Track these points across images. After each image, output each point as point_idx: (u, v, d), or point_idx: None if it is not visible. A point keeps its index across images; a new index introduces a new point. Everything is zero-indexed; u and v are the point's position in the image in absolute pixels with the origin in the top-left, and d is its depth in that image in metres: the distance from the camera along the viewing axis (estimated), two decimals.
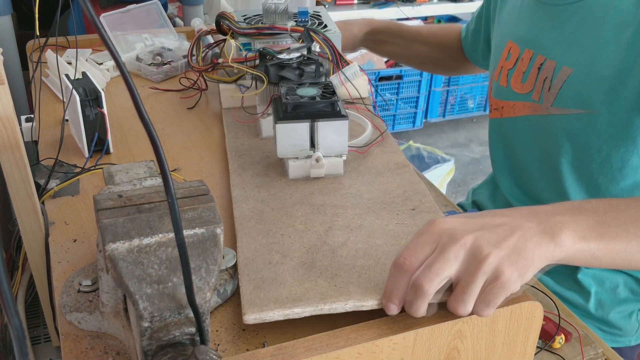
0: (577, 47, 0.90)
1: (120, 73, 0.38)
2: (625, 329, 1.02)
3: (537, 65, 0.97)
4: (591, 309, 1.02)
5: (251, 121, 0.89)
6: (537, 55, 0.97)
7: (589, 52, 0.88)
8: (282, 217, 0.68)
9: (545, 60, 0.95)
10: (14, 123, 0.64)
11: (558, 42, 0.94)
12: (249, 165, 0.79)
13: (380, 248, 0.63)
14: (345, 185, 0.75)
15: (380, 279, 0.58)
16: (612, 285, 1.01)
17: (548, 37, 0.96)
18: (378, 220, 0.68)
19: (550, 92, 0.94)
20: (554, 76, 0.93)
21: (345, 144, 0.75)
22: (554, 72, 0.93)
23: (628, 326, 1.02)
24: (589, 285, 1.02)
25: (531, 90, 0.99)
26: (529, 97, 0.99)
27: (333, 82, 0.90)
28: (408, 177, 0.77)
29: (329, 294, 0.56)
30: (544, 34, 0.96)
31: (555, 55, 0.94)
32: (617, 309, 1.01)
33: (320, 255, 0.62)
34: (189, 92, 1.05)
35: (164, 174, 0.40)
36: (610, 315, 1.01)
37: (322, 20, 1.05)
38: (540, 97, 0.96)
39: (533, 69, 0.98)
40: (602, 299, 1.02)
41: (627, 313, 1.01)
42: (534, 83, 0.98)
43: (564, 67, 0.92)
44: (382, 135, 0.85)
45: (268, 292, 0.57)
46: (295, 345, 0.49)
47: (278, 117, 0.73)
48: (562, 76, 0.92)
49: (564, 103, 0.93)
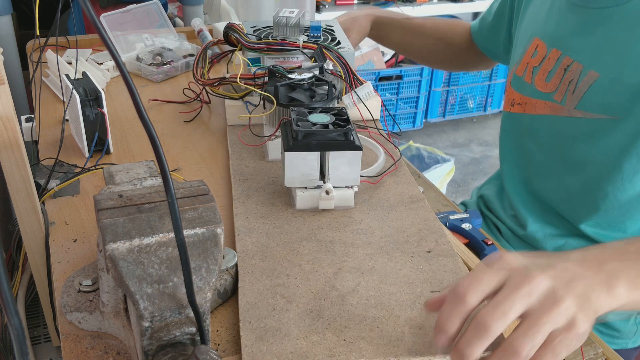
0: (607, 53, 0.89)
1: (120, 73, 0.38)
2: (623, 331, 1.02)
3: (563, 67, 0.96)
4: None
5: (258, 144, 0.85)
6: (564, 57, 0.96)
7: (618, 58, 0.88)
8: (288, 255, 0.65)
9: (572, 63, 0.94)
10: (14, 123, 0.64)
11: (587, 45, 0.93)
12: (254, 192, 0.75)
13: (394, 297, 0.59)
14: (355, 219, 0.71)
15: (394, 334, 0.55)
16: None
17: (578, 39, 0.94)
18: (391, 263, 0.64)
19: (575, 94, 0.93)
20: (580, 79, 0.92)
21: (357, 176, 0.70)
22: (580, 75, 0.93)
23: (626, 329, 1.02)
24: None
25: (554, 90, 0.98)
26: (551, 97, 0.98)
27: (345, 102, 0.88)
28: (423, 214, 0.72)
29: (337, 351, 0.53)
30: (574, 36, 0.95)
31: (583, 59, 0.93)
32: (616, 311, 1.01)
33: (328, 303, 0.58)
34: (190, 106, 1.02)
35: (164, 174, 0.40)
36: (609, 317, 1.01)
37: (336, 36, 1.01)
38: (564, 98, 0.96)
39: (559, 69, 0.97)
40: None
41: (626, 315, 1.01)
42: (558, 84, 0.97)
43: (591, 72, 0.91)
44: (396, 164, 0.81)
45: (271, 344, 0.53)
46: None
47: (288, 145, 0.69)
48: (589, 80, 0.91)
49: (587, 107, 0.92)
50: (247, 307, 0.57)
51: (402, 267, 0.63)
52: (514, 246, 1.11)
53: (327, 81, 0.81)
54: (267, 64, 0.94)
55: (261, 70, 0.88)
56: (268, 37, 0.98)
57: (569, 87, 0.95)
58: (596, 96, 0.91)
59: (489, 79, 3.23)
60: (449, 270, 0.63)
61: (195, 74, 0.96)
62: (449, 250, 0.66)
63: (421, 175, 1.32)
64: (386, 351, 0.53)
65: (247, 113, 0.89)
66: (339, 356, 0.53)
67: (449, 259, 0.65)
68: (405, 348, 0.53)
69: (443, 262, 0.64)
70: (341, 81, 0.89)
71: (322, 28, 1.04)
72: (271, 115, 0.81)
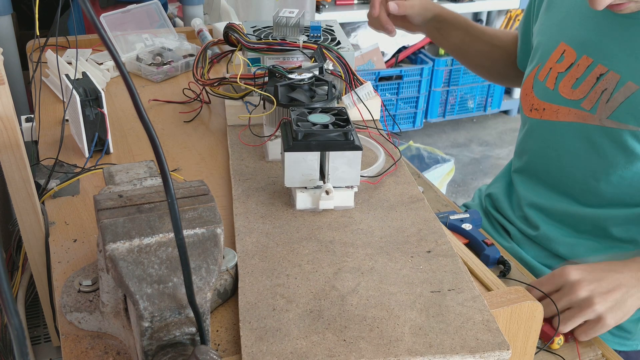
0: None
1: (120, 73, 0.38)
2: (635, 332, 1.01)
3: (595, 75, 0.94)
4: None
5: (258, 144, 0.85)
6: (597, 65, 0.94)
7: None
8: (288, 255, 0.65)
9: (607, 72, 0.92)
10: (14, 123, 0.64)
11: (626, 55, 0.90)
12: (254, 192, 0.75)
13: (394, 297, 0.59)
14: (355, 220, 0.71)
15: (394, 334, 0.55)
16: None
17: (614, 47, 0.92)
18: (391, 263, 0.64)
19: (608, 104, 0.92)
20: (616, 89, 0.91)
21: (357, 176, 0.70)
22: (616, 85, 0.91)
23: (637, 330, 1.01)
24: None
25: (582, 98, 0.96)
26: (578, 105, 0.97)
27: (345, 102, 0.87)
28: (423, 214, 0.72)
29: (337, 351, 0.53)
30: (610, 44, 0.93)
31: (620, 69, 0.91)
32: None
33: (328, 303, 0.58)
34: (190, 106, 1.02)
35: (164, 174, 0.40)
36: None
37: (336, 36, 1.01)
38: (594, 107, 0.94)
39: (590, 77, 0.95)
40: None
41: (637, 317, 1.01)
42: (587, 91, 0.95)
43: (630, 83, 0.89)
44: (396, 164, 0.81)
45: (271, 344, 0.53)
46: None
47: (287, 145, 0.68)
48: (626, 91, 0.90)
49: (622, 118, 0.91)
50: (247, 307, 0.57)
51: (402, 267, 0.63)
52: (523, 248, 1.10)
53: (327, 81, 0.81)
54: (267, 64, 0.94)
55: (261, 70, 0.88)
56: (268, 37, 0.98)
57: (601, 97, 0.93)
58: (634, 108, 0.89)
59: None
60: (449, 270, 0.63)
61: (195, 74, 0.96)
62: (449, 251, 0.66)
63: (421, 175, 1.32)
64: (386, 351, 0.53)
65: (247, 113, 0.89)
66: (338, 356, 0.53)
67: (449, 259, 0.65)
68: (405, 348, 0.54)
69: (443, 262, 0.64)
70: (341, 81, 0.89)
71: (322, 28, 1.04)
72: (271, 116, 0.81)
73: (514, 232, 1.14)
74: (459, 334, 0.55)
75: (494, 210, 1.20)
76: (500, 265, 0.98)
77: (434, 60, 3.04)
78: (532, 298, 0.61)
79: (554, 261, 1.06)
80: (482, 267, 0.68)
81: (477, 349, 0.54)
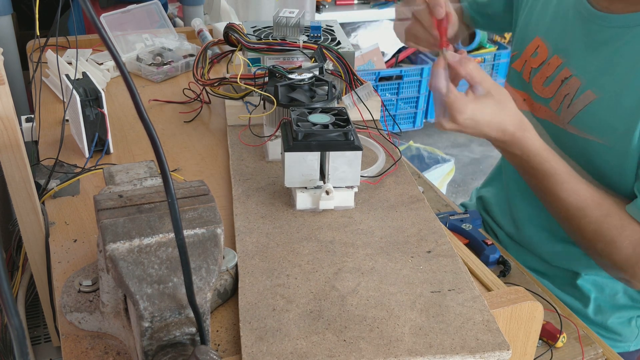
0: (608, 75, 0.86)
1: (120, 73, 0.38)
2: (625, 334, 1.02)
3: (561, 78, 0.93)
4: (590, 314, 1.02)
5: (258, 145, 0.85)
6: (564, 67, 0.93)
7: (619, 83, 0.85)
8: (288, 255, 0.64)
9: (570, 77, 0.91)
10: (14, 123, 0.64)
11: (589, 63, 0.89)
12: (254, 192, 0.75)
13: (394, 297, 0.59)
14: (356, 220, 0.71)
15: (394, 335, 0.55)
16: (611, 291, 1.01)
17: (580, 53, 0.91)
18: (391, 263, 0.64)
19: (570, 110, 0.91)
20: (576, 96, 0.90)
21: (357, 176, 0.70)
22: (577, 91, 0.90)
23: (627, 332, 1.01)
24: (588, 291, 1.01)
25: (551, 97, 0.95)
26: (547, 103, 0.96)
27: (345, 102, 0.87)
28: (423, 214, 0.72)
29: (337, 351, 0.53)
30: (577, 49, 0.92)
31: (582, 75, 0.90)
32: (616, 315, 1.01)
33: (328, 303, 0.58)
34: (190, 106, 1.02)
35: (164, 174, 0.40)
36: (610, 321, 1.01)
37: (336, 36, 1.01)
38: (559, 109, 0.93)
39: (557, 78, 0.94)
40: (602, 304, 1.01)
41: (627, 319, 1.01)
42: (554, 92, 0.94)
43: (589, 91, 0.88)
44: (396, 164, 0.80)
45: (271, 345, 0.53)
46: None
47: (288, 145, 0.68)
48: (585, 99, 0.88)
49: (580, 125, 0.90)
50: (247, 308, 0.57)
51: (402, 267, 0.63)
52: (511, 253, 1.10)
53: (327, 81, 0.81)
54: (267, 64, 0.94)
55: (261, 70, 0.88)
56: (268, 37, 0.98)
57: (564, 100, 0.92)
58: (591, 117, 0.88)
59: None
60: (449, 270, 0.63)
61: (195, 74, 0.96)
62: (449, 251, 0.66)
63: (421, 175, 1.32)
64: (386, 351, 0.53)
65: (247, 113, 0.89)
66: (339, 356, 0.53)
67: (449, 259, 0.65)
68: (405, 348, 0.54)
69: (443, 262, 0.64)
70: (341, 81, 0.89)
71: (322, 28, 1.04)
72: (271, 116, 0.81)
73: (502, 236, 1.14)
74: (459, 334, 0.55)
75: (485, 213, 1.20)
76: (500, 265, 0.98)
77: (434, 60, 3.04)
78: (531, 298, 0.61)
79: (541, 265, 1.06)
80: (482, 267, 0.68)
81: (477, 349, 0.54)
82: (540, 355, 0.83)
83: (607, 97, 0.86)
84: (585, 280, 1.01)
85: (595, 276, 1.00)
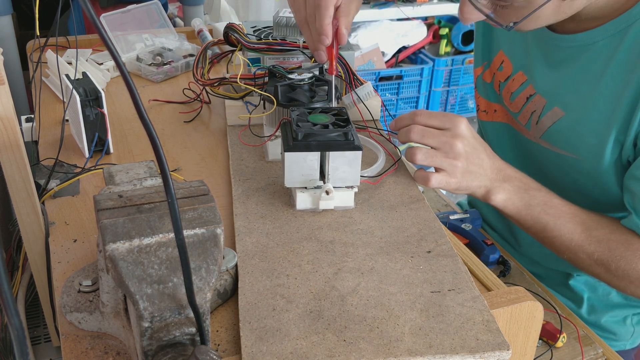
0: (572, 92, 0.86)
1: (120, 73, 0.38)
2: (619, 333, 1.02)
3: (526, 94, 0.93)
4: (584, 314, 1.02)
5: (258, 145, 0.85)
6: (528, 84, 0.93)
7: (584, 99, 0.85)
8: (288, 255, 0.65)
9: (535, 94, 0.91)
10: (14, 123, 0.64)
11: (551, 81, 0.90)
12: (254, 192, 0.75)
13: (394, 297, 0.59)
14: (356, 220, 0.71)
15: (394, 335, 0.55)
16: (604, 291, 1.01)
17: (543, 71, 0.91)
18: (391, 263, 0.64)
19: (539, 127, 0.91)
20: (543, 113, 0.90)
21: (357, 176, 0.70)
22: (543, 109, 0.90)
23: (622, 330, 1.02)
24: (581, 291, 1.02)
25: (518, 112, 0.95)
26: (516, 117, 0.96)
27: (345, 102, 0.87)
28: (423, 214, 0.72)
29: (337, 351, 0.53)
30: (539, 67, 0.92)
31: (546, 94, 0.90)
32: (609, 314, 1.01)
33: (328, 303, 0.58)
34: (190, 106, 1.02)
35: (164, 174, 0.40)
36: (603, 320, 1.01)
37: None
38: (528, 124, 0.93)
39: (521, 95, 0.94)
40: (595, 304, 1.02)
41: (621, 318, 1.01)
42: (521, 107, 0.94)
43: (556, 108, 0.88)
44: (396, 164, 0.80)
45: (271, 345, 0.53)
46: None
47: (288, 145, 0.68)
48: (553, 116, 0.89)
49: (551, 140, 0.90)
50: (247, 308, 0.57)
51: (402, 267, 0.63)
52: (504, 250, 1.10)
53: (327, 81, 0.81)
54: (267, 64, 0.94)
55: (261, 70, 0.88)
56: (268, 37, 0.98)
57: (532, 117, 0.92)
58: (560, 133, 0.88)
59: None
60: (449, 270, 0.63)
61: (195, 74, 0.96)
62: (449, 251, 0.66)
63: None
64: (386, 351, 0.53)
65: (247, 113, 0.89)
66: (338, 356, 0.53)
67: (449, 259, 0.65)
68: (405, 348, 0.54)
69: (443, 262, 0.64)
70: (341, 81, 0.89)
71: None
72: (271, 116, 0.81)
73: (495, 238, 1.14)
74: (459, 334, 0.55)
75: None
76: (500, 265, 0.98)
77: (434, 60, 3.04)
78: (532, 298, 0.61)
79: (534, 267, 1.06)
80: (482, 267, 0.68)
81: (477, 349, 0.54)
82: (540, 355, 0.83)
83: (574, 114, 0.86)
84: (577, 280, 1.01)
85: (587, 276, 1.00)
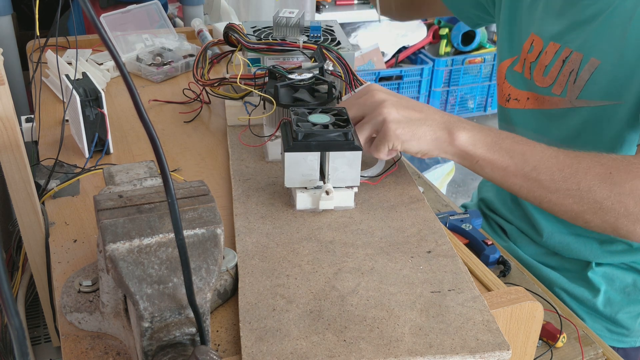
0: (606, 40, 0.90)
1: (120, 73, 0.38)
2: (633, 329, 1.02)
3: (562, 58, 0.96)
4: (599, 306, 1.02)
5: (258, 145, 0.85)
6: (563, 49, 0.96)
7: (617, 42, 0.88)
8: (288, 255, 0.64)
9: (571, 53, 0.95)
10: (14, 123, 0.64)
11: (586, 34, 0.93)
12: (254, 192, 0.75)
13: (394, 297, 0.59)
14: (356, 220, 0.71)
15: (394, 335, 0.55)
16: (622, 284, 1.01)
17: (576, 30, 0.95)
18: (391, 264, 0.64)
19: (576, 84, 0.94)
20: (581, 68, 0.93)
21: (357, 176, 0.70)
22: (580, 64, 0.93)
23: (635, 327, 1.02)
24: (598, 284, 1.02)
25: (552, 84, 0.98)
26: (550, 91, 0.98)
27: None
28: (423, 214, 0.72)
29: (337, 351, 0.53)
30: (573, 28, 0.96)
31: (583, 48, 0.93)
32: (626, 309, 1.01)
33: (328, 303, 0.58)
34: (190, 106, 1.02)
35: (164, 174, 0.40)
36: (619, 315, 1.01)
37: (336, 36, 1.01)
38: (564, 90, 0.96)
39: (557, 61, 0.97)
40: (612, 297, 1.02)
41: (636, 314, 1.01)
42: (556, 76, 0.97)
43: (592, 59, 0.91)
44: (396, 164, 0.80)
45: (271, 345, 0.53)
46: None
47: (287, 145, 0.68)
48: (590, 68, 0.92)
49: (590, 95, 0.92)
50: (247, 308, 0.57)
51: (402, 267, 0.63)
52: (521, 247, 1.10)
53: (328, 81, 0.81)
54: (267, 64, 0.94)
55: (261, 70, 0.88)
56: (268, 38, 0.98)
57: (569, 78, 0.95)
58: (598, 83, 0.91)
59: (489, 79, 3.23)
60: (449, 270, 0.63)
61: (195, 74, 0.96)
62: (449, 251, 0.66)
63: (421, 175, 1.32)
64: (386, 351, 0.53)
65: (247, 113, 0.89)
66: (339, 357, 0.53)
67: (449, 259, 0.65)
68: (405, 348, 0.54)
69: (443, 262, 0.64)
70: (341, 81, 0.89)
71: (322, 28, 1.03)
72: (271, 116, 0.81)
73: (510, 231, 1.14)
74: (459, 334, 0.55)
75: (490, 211, 1.20)
76: (500, 265, 0.98)
77: (434, 60, 3.04)
78: (531, 298, 0.61)
79: (552, 259, 1.06)
80: (482, 267, 0.68)
81: (477, 349, 0.54)
82: (540, 355, 0.83)
83: (611, 59, 0.89)
84: (595, 272, 1.02)
85: (607, 267, 1.01)
